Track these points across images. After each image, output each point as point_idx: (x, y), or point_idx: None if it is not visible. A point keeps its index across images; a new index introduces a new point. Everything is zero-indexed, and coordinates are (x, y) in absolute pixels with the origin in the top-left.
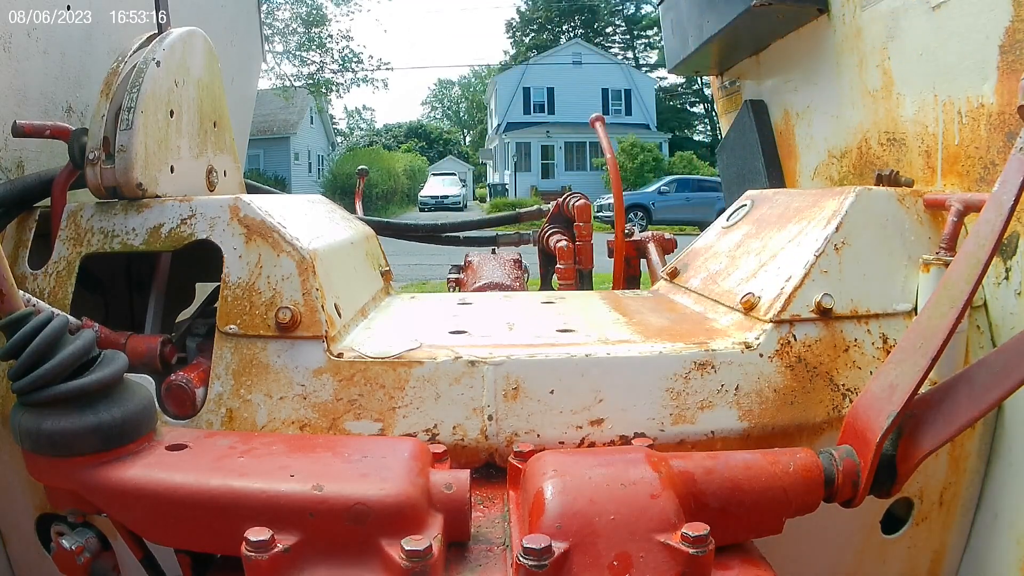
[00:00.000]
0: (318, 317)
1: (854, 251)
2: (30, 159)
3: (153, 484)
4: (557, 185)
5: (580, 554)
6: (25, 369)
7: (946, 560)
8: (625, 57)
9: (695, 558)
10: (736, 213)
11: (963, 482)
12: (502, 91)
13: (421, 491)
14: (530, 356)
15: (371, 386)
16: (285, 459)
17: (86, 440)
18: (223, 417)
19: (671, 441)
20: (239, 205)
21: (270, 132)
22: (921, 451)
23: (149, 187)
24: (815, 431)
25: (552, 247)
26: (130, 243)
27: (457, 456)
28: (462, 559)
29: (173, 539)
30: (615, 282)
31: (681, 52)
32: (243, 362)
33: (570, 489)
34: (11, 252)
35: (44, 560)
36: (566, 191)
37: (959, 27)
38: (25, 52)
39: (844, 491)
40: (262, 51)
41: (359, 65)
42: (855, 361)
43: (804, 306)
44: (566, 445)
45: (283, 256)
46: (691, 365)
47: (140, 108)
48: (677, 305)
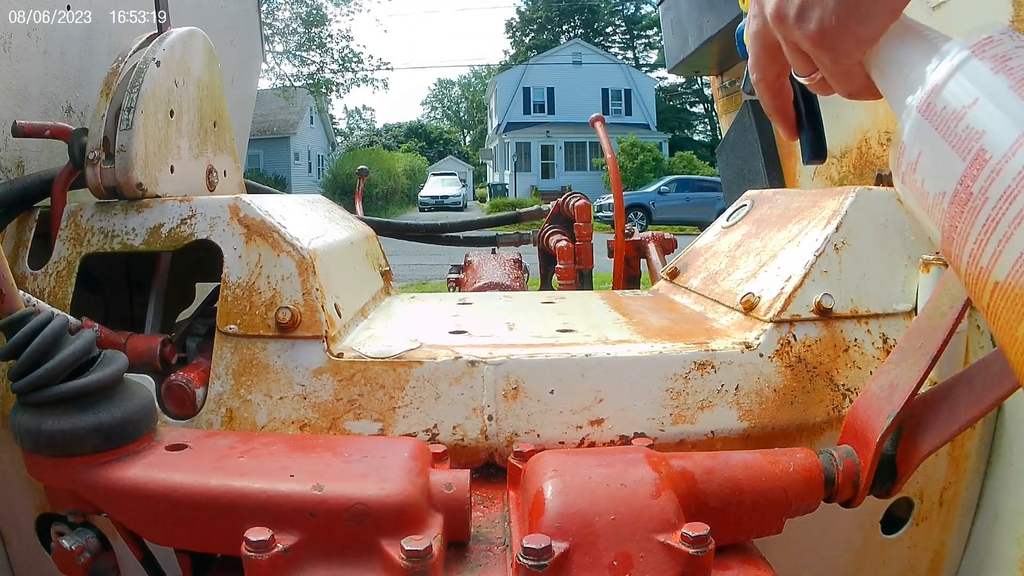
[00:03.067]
0: (318, 317)
1: (854, 251)
2: (30, 159)
3: (153, 484)
4: (557, 185)
5: (580, 554)
6: (25, 369)
7: (946, 560)
8: (625, 57)
9: (695, 558)
10: (736, 213)
11: (963, 482)
12: (502, 91)
13: (421, 491)
14: (530, 356)
15: (371, 386)
16: (285, 459)
17: (86, 440)
18: (223, 417)
19: (671, 441)
20: (239, 205)
21: (270, 132)
22: (921, 451)
23: (149, 187)
24: (815, 431)
25: (552, 247)
26: (130, 243)
27: (457, 456)
28: (462, 559)
29: (173, 539)
30: (615, 282)
31: (681, 52)
32: (243, 362)
33: (570, 489)
34: (11, 252)
35: (44, 560)
36: (566, 191)
37: (959, 27)
38: (25, 52)
39: (844, 491)
40: (262, 51)
41: (359, 65)
42: (855, 361)
43: (804, 306)
44: (566, 445)
45: (283, 256)
46: (691, 365)
47: (140, 108)
48: (677, 305)
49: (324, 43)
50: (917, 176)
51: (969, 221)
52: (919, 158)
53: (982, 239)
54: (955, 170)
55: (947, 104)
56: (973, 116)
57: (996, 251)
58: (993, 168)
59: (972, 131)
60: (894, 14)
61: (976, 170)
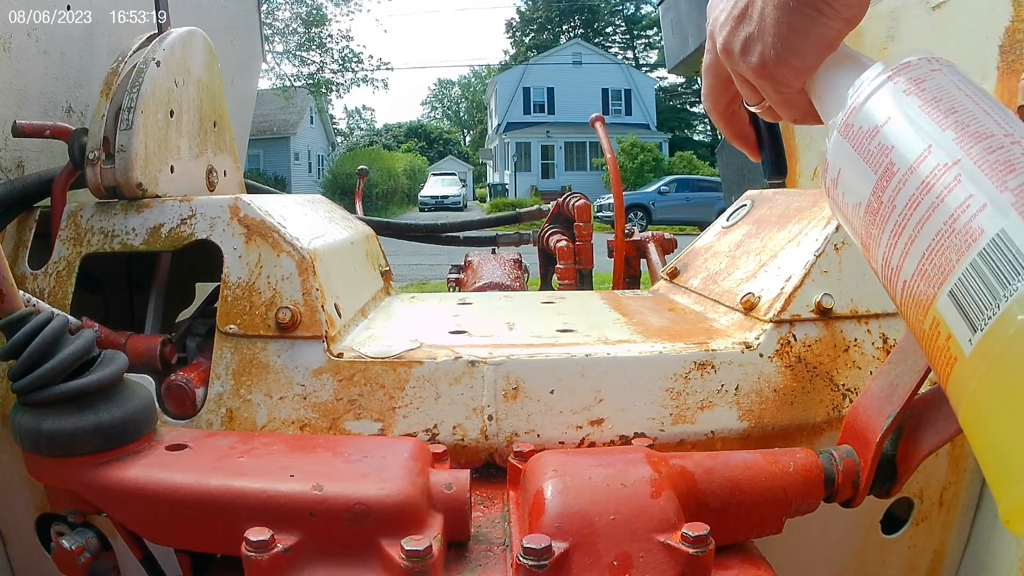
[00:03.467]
0: (318, 317)
1: (854, 251)
2: (30, 159)
3: (153, 484)
4: (557, 185)
5: (580, 554)
6: (25, 369)
7: (946, 560)
8: (625, 57)
9: (695, 558)
10: (736, 213)
11: (963, 482)
12: (502, 91)
13: (421, 491)
14: (530, 356)
15: (371, 386)
16: (285, 459)
17: (86, 440)
18: (223, 417)
19: (671, 441)
20: (239, 205)
21: (270, 132)
22: (921, 451)
23: (149, 187)
24: (815, 431)
25: (552, 247)
26: (130, 243)
27: (457, 456)
28: (462, 559)
29: (173, 539)
30: (615, 282)
31: (681, 52)
32: (243, 362)
33: (570, 489)
34: (11, 252)
35: (44, 560)
36: (566, 191)
37: (959, 27)
38: (25, 52)
39: (844, 491)
40: (262, 51)
41: (359, 65)
42: (855, 361)
43: (804, 306)
44: (566, 445)
45: (283, 256)
46: (691, 365)
47: (140, 108)
48: (677, 305)
49: (324, 43)
50: (839, 190)
51: (880, 227)
52: (839, 174)
53: (891, 243)
54: (868, 182)
55: (863, 124)
56: (884, 134)
57: (903, 253)
58: (900, 179)
59: (883, 147)
60: (831, 46)
61: (885, 182)
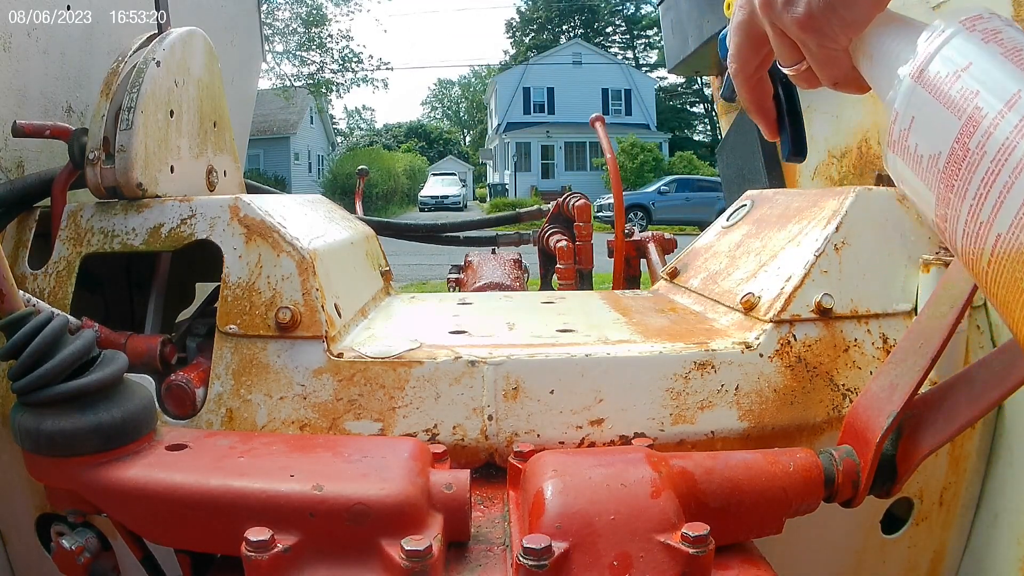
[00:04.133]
0: (318, 317)
1: (854, 251)
2: (30, 159)
3: (153, 484)
4: (557, 185)
5: (580, 554)
6: (25, 369)
7: (946, 560)
8: (625, 57)
9: (695, 558)
10: (736, 213)
11: (963, 482)
12: (502, 91)
13: (421, 491)
14: (530, 356)
15: (371, 386)
16: (285, 459)
17: (86, 440)
18: (223, 417)
19: (671, 441)
20: (239, 205)
21: (270, 132)
22: (921, 451)
23: (149, 187)
24: (815, 431)
25: (552, 247)
26: (130, 243)
27: (457, 456)
28: (462, 559)
29: (173, 539)
30: (615, 282)
31: (681, 52)
32: (243, 362)
33: (570, 489)
34: (11, 252)
35: (44, 560)
36: (566, 191)
37: None
38: (25, 52)
39: (844, 491)
40: (262, 51)
41: (359, 65)
42: (855, 361)
43: (804, 306)
44: (566, 445)
45: (283, 256)
46: (691, 365)
47: (140, 108)
48: (677, 305)
49: (324, 43)
50: (911, 141)
51: (967, 177)
52: (912, 123)
53: (981, 193)
54: (950, 130)
55: (940, 69)
56: (968, 77)
57: (997, 203)
58: (991, 123)
59: (967, 91)
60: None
61: (972, 127)
